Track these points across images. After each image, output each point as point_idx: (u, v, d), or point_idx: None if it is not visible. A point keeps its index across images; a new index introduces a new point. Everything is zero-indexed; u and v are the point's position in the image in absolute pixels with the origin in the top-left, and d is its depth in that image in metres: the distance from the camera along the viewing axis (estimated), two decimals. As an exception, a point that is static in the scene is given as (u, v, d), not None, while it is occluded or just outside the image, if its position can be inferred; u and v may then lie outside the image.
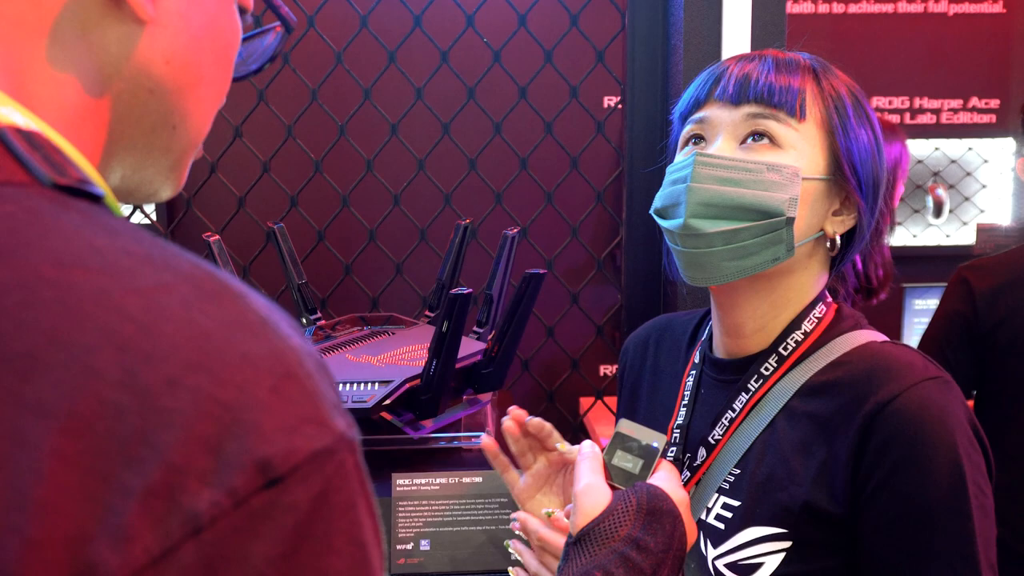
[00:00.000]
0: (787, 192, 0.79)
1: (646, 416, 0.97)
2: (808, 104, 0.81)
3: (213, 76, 0.47)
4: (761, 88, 0.80)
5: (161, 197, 0.50)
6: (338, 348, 1.32)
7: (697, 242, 0.80)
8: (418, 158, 1.61)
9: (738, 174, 0.79)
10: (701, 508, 0.83)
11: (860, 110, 0.84)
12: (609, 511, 0.69)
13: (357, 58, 1.59)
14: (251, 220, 1.62)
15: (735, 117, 0.81)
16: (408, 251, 1.64)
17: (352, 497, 0.33)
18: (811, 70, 0.83)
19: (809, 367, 0.82)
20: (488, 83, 1.58)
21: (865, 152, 0.83)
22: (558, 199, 1.62)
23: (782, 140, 0.80)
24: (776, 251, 0.80)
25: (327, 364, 0.36)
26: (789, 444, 0.80)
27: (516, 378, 1.69)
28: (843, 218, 0.84)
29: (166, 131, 0.45)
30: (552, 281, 1.64)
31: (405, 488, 1.08)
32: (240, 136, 1.61)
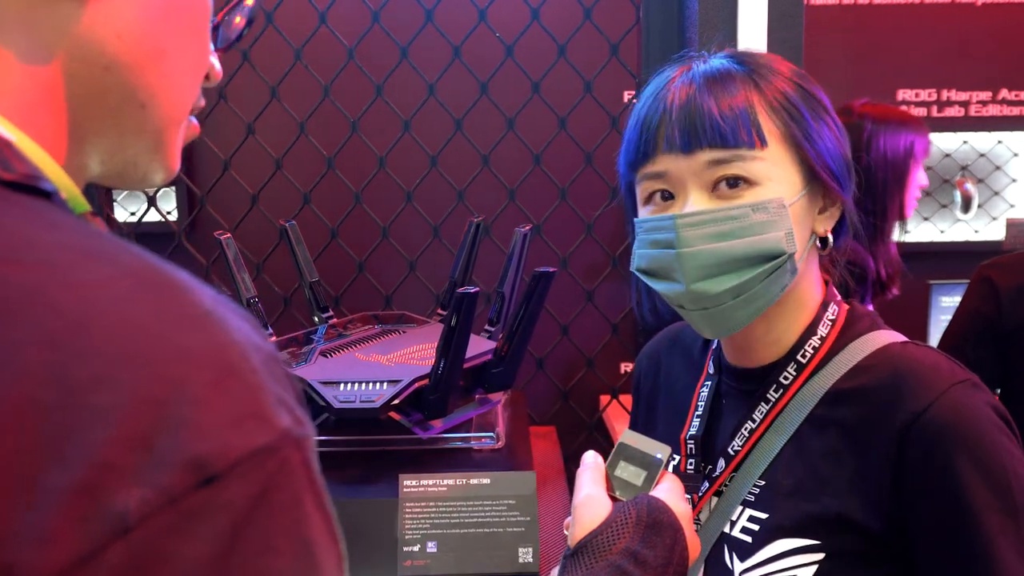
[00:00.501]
0: (780, 228, 0.75)
1: (666, 430, 0.94)
2: (763, 124, 0.76)
3: (179, 48, 0.45)
4: (711, 130, 0.75)
5: (155, 180, 0.49)
6: (348, 347, 1.31)
7: (706, 303, 0.76)
8: (431, 155, 1.59)
9: (725, 226, 0.75)
10: (725, 521, 0.80)
11: (812, 102, 0.79)
12: (607, 523, 0.67)
13: (369, 54, 1.58)
14: (265, 218, 1.61)
15: (694, 166, 0.76)
16: (421, 249, 1.63)
17: (298, 495, 0.32)
18: (748, 78, 0.77)
19: (831, 373, 0.79)
20: (501, 78, 1.57)
21: (833, 146, 0.79)
22: (573, 196, 1.59)
23: (754, 175, 0.75)
24: (783, 282, 0.77)
25: (281, 359, 0.35)
26: (817, 453, 0.77)
27: (530, 377, 1.67)
28: (830, 212, 0.81)
29: (133, 110, 0.44)
30: (567, 279, 1.62)
31: (412, 489, 1.06)
32: (253, 133, 1.60)
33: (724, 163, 0.75)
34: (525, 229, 1.41)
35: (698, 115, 0.75)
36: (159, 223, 1.70)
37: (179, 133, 0.48)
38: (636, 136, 0.79)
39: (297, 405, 0.34)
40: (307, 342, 1.33)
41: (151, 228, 1.77)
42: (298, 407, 0.34)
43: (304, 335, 1.37)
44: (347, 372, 1.19)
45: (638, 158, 0.79)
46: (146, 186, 0.50)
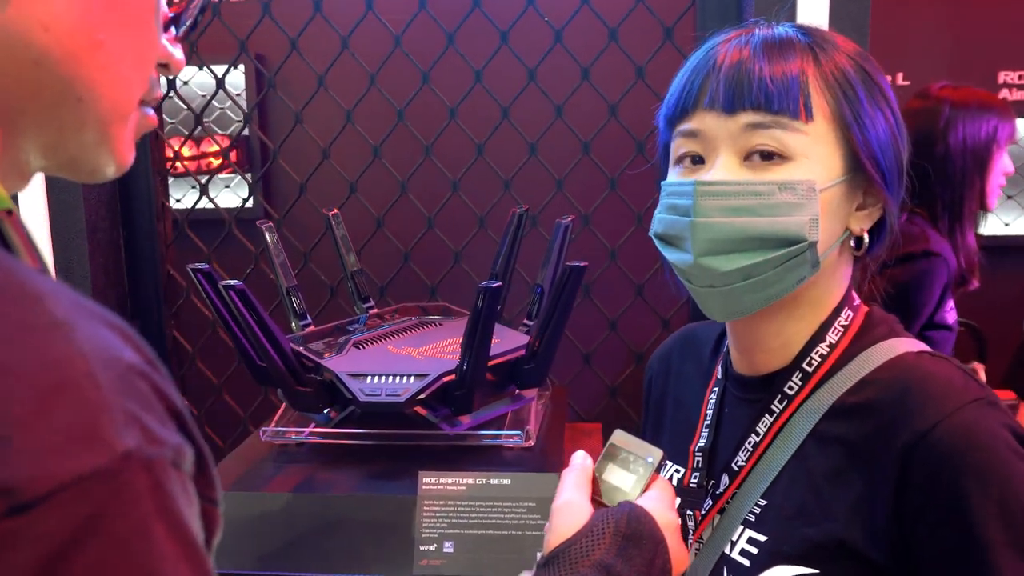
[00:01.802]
0: (806, 213, 0.69)
1: (673, 439, 0.89)
2: (813, 97, 0.70)
3: (118, 38, 0.43)
4: (757, 91, 0.69)
5: (105, 174, 0.47)
6: (382, 339, 1.29)
7: (713, 280, 0.71)
8: (477, 143, 1.56)
9: (747, 200, 0.69)
10: (726, 541, 0.75)
11: (871, 86, 0.72)
12: (583, 532, 0.63)
13: (415, 42, 1.56)
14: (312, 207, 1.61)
15: (732, 129, 0.70)
16: (467, 239, 1.60)
17: (142, 524, 0.29)
18: (808, 49, 0.71)
19: (838, 385, 0.72)
20: (549, 64, 1.52)
21: (885, 137, 0.72)
22: (622, 185, 1.54)
23: (791, 150, 0.69)
24: (801, 272, 0.71)
25: (150, 372, 0.32)
26: (820, 473, 0.71)
27: (576, 373, 1.63)
28: (869, 211, 0.74)
29: (70, 104, 0.42)
30: (617, 272, 1.57)
31: (431, 487, 1.04)
32: (300, 122, 1.61)
33: (763, 128, 0.69)
34: (566, 220, 1.36)
35: (746, 75, 0.69)
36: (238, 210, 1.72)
37: (127, 126, 0.46)
38: (678, 90, 0.74)
39: (160, 422, 0.32)
40: (343, 332, 1.33)
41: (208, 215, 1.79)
42: (161, 424, 0.32)
43: (342, 325, 1.36)
44: (376, 365, 1.17)
45: (676, 113, 0.74)
46: (98, 179, 0.48)
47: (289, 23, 1.56)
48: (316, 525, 1.04)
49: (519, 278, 1.50)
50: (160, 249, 1.59)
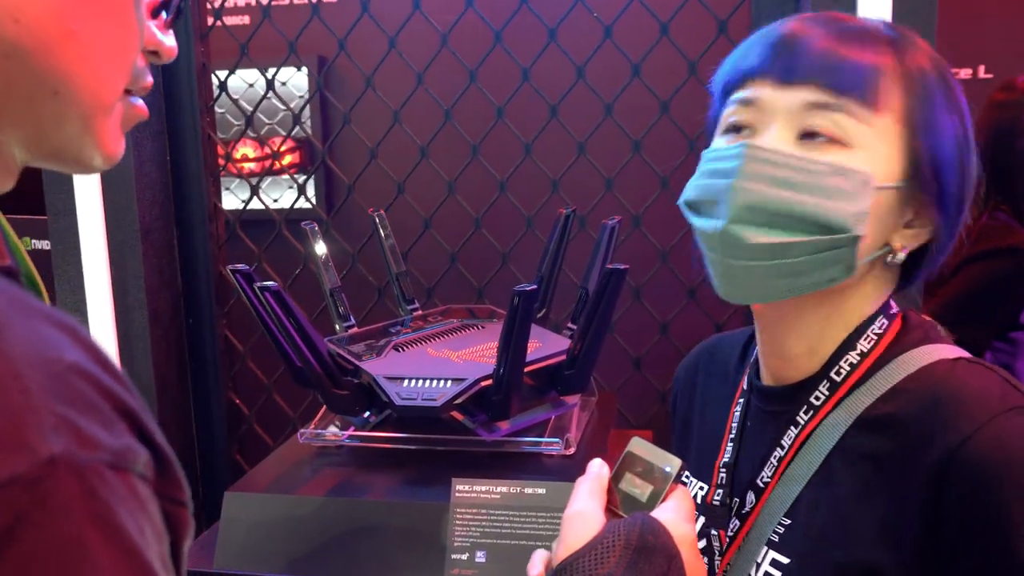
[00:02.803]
0: (856, 204, 0.64)
1: (699, 452, 0.85)
2: (885, 90, 0.64)
3: (94, 28, 0.42)
4: (825, 65, 0.64)
5: (93, 166, 0.46)
6: (422, 342, 1.28)
7: (738, 252, 0.65)
8: (525, 142, 1.53)
9: (797, 175, 0.64)
10: (750, 563, 0.71)
11: (949, 95, 0.67)
12: (593, 544, 0.59)
13: (462, 40, 1.54)
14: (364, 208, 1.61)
15: (791, 103, 0.65)
16: (515, 240, 1.58)
17: (72, 533, 0.28)
18: (889, 42, 0.66)
19: (866, 395, 0.67)
20: (598, 61, 1.48)
21: (950, 152, 0.66)
22: (674, 185, 1.49)
23: (851, 138, 0.64)
24: (834, 271, 0.66)
25: (89, 372, 0.31)
26: (845, 490, 0.66)
27: (627, 377, 1.58)
28: (916, 231, 0.69)
29: (45, 97, 0.41)
30: (667, 274, 1.53)
31: (464, 495, 1.02)
32: (348, 123, 1.60)
33: (825, 108, 0.64)
34: (613, 221, 1.32)
35: (813, 47, 0.65)
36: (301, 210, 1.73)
37: (110, 117, 0.45)
38: (738, 55, 0.70)
39: (103, 424, 0.30)
40: (385, 335, 1.31)
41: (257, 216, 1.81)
42: (103, 427, 0.30)
43: (384, 327, 1.35)
44: (414, 368, 1.16)
45: (734, 79, 0.69)
46: (86, 171, 0.47)
47: (342, 24, 1.56)
48: (348, 530, 1.03)
49: (568, 280, 1.46)
50: (212, 250, 1.60)
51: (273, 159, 1.88)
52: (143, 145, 1.49)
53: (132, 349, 1.50)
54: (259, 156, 2.36)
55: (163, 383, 1.54)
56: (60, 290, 1.51)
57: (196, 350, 1.62)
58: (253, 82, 2.14)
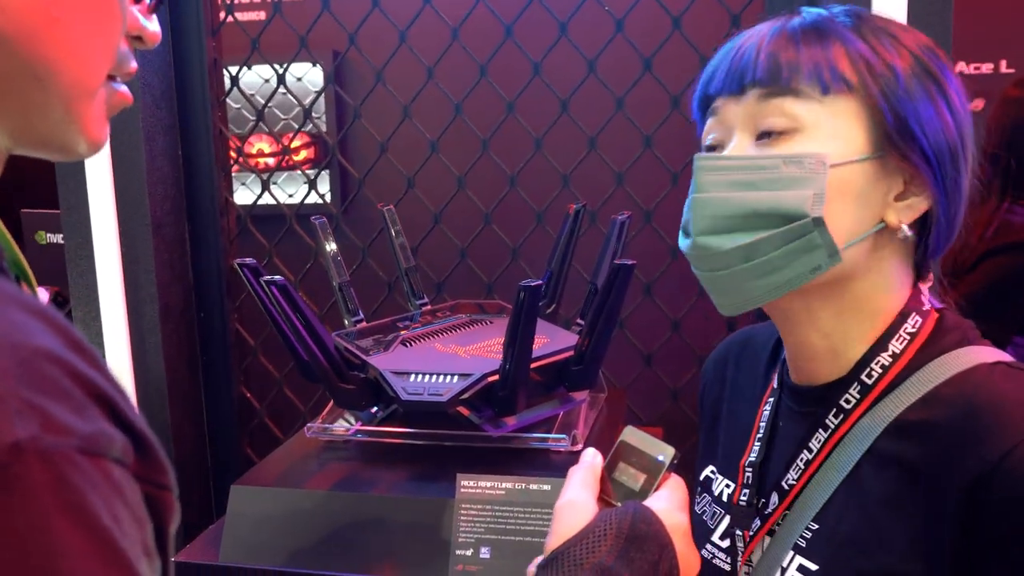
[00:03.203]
0: (810, 187, 0.63)
1: (726, 449, 0.84)
2: (835, 72, 0.64)
3: (77, 14, 0.42)
4: (763, 66, 0.65)
5: (79, 153, 0.46)
6: (430, 337, 1.27)
7: (713, 263, 0.66)
8: (535, 137, 1.53)
9: (751, 174, 0.64)
10: (776, 567, 0.69)
11: (920, 72, 0.66)
12: (584, 533, 0.59)
13: (473, 35, 1.53)
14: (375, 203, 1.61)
15: (743, 110, 0.66)
16: (524, 235, 1.57)
17: (38, 519, 0.27)
18: (840, 31, 0.66)
19: (900, 399, 0.66)
20: (610, 56, 1.47)
21: (929, 118, 0.65)
22: (685, 181, 1.48)
23: (801, 121, 0.64)
24: (813, 259, 0.64)
25: (60, 357, 0.30)
26: (875, 498, 0.65)
27: (637, 374, 1.57)
28: (910, 202, 0.66)
29: (30, 85, 0.41)
30: (679, 270, 1.51)
31: (469, 490, 1.01)
32: (359, 117, 1.60)
33: (769, 105, 0.64)
34: (622, 217, 1.32)
35: (752, 55, 0.66)
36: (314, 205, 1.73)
37: (94, 103, 0.45)
38: (703, 77, 0.72)
39: (75, 410, 0.30)
40: (393, 329, 1.31)
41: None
42: (75, 412, 0.30)
43: (393, 322, 1.35)
44: (420, 363, 1.15)
45: (702, 101, 0.71)
46: (71, 158, 0.47)
47: (354, 20, 1.56)
48: (353, 524, 1.03)
49: (578, 276, 1.45)
50: (224, 244, 1.61)
51: (285, 154, 1.88)
52: (155, 140, 1.49)
53: (144, 343, 1.51)
54: (274, 151, 2.37)
55: (174, 377, 1.55)
56: (73, 284, 1.52)
57: (207, 344, 1.63)
58: (269, 78, 2.14)
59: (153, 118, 1.49)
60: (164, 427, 1.53)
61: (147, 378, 1.51)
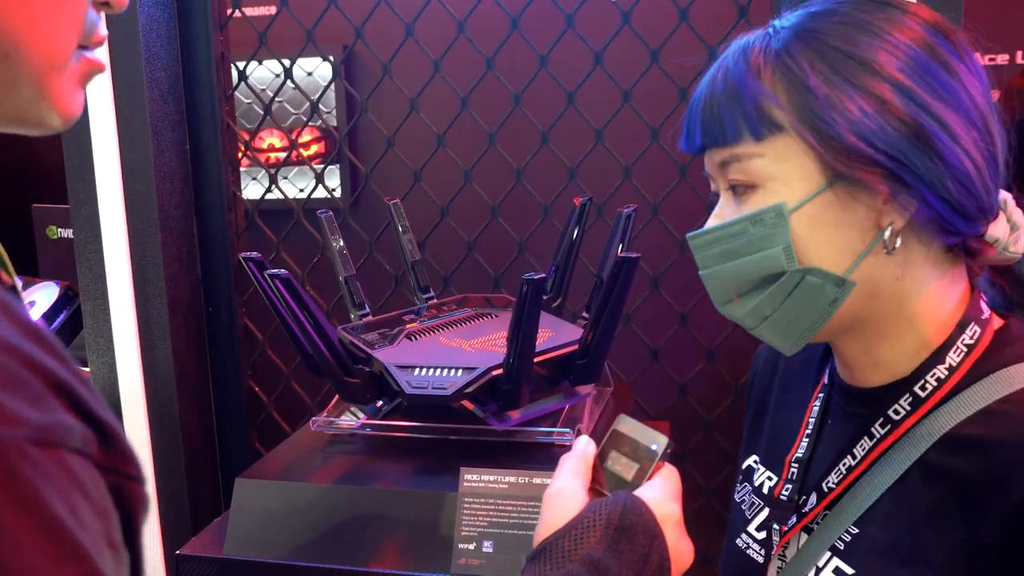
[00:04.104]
0: (777, 242, 0.63)
1: (770, 441, 0.83)
2: (763, 117, 0.63)
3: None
4: (703, 129, 0.67)
5: (52, 126, 0.46)
6: (435, 330, 1.27)
7: (744, 323, 0.70)
8: (542, 130, 1.52)
9: (730, 243, 0.67)
10: (810, 566, 0.69)
11: (837, 60, 0.62)
12: (573, 524, 0.58)
13: (479, 28, 1.53)
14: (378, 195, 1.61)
15: (713, 166, 0.69)
16: (531, 229, 1.57)
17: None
18: (762, 54, 0.64)
19: (956, 412, 0.63)
20: (616, 48, 1.46)
21: (859, 112, 0.60)
22: (692, 173, 1.47)
23: (757, 177, 0.65)
24: (823, 297, 0.64)
25: (14, 346, 0.30)
26: (920, 509, 0.63)
27: (644, 368, 1.57)
28: (903, 198, 0.62)
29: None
30: (686, 264, 1.50)
31: (472, 484, 1.01)
32: (365, 111, 1.60)
33: (727, 164, 0.66)
34: (628, 210, 1.31)
35: (695, 113, 0.68)
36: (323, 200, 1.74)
37: (63, 75, 0.45)
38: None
39: (30, 400, 0.29)
40: (399, 323, 1.31)
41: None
42: (29, 403, 0.29)
43: (399, 316, 1.35)
44: (425, 356, 1.15)
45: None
46: (46, 132, 0.47)
47: (362, 14, 1.55)
48: (357, 518, 1.03)
49: (584, 270, 1.45)
50: (231, 238, 1.61)
51: (293, 149, 1.88)
52: (162, 134, 1.50)
53: (152, 337, 1.52)
54: (285, 146, 2.37)
55: (183, 371, 1.55)
56: (83, 278, 1.52)
57: (215, 338, 1.64)
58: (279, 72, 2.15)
59: (161, 113, 1.49)
60: (172, 421, 1.54)
61: (155, 372, 1.52)
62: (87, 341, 1.54)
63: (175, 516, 1.56)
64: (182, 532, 1.54)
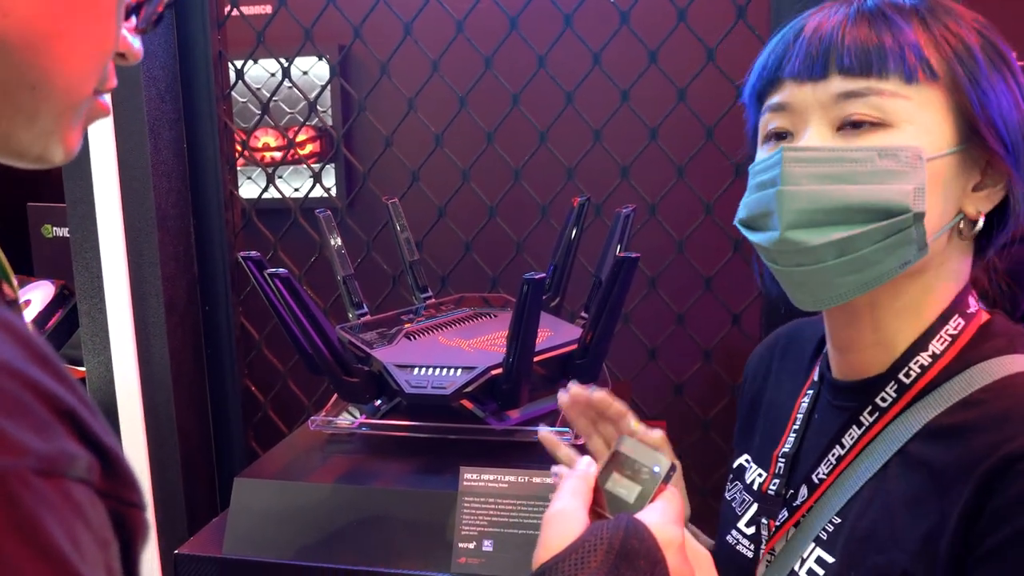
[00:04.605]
0: (910, 181, 0.61)
1: (763, 439, 0.83)
2: (917, 61, 0.63)
3: (77, 29, 0.42)
4: (849, 54, 0.63)
5: (52, 161, 0.46)
6: (434, 330, 1.27)
7: (802, 258, 0.64)
8: (540, 130, 1.52)
9: (843, 167, 0.62)
10: (796, 557, 0.69)
11: (993, 53, 0.65)
12: (574, 547, 0.57)
13: (478, 27, 1.53)
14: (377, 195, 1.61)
15: (823, 97, 0.65)
16: (529, 228, 1.57)
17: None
18: (916, 13, 0.65)
19: (936, 402, 0.64)
20: (615, 48, 1.46)
21: (1008, 107, 0.64)
22: (691, 173, 1.47)
23: (892, 117, 0.63)
24: (905, 254, 0.63)
25: (18, 371, 0.29)
26: (898, 497, 0.64)
27: (642, 367, 1.57)
28: (988, 191, 0.66)
29: (23, 92, 0.41)
30: (684, 264, 1.51)
31: (472, 483, 1.01)
32: (364, 110, 1.60)
33: (856, 96, 0.63)
34: (627, 210, 1.31)
35: (835, 39, 0.64)
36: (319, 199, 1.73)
37: (77, 115, 0.45)
38: (763, 61, 0.69)
39: (33, 427, 0.29)
40: (397, 322, 1.31)
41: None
42: (32, 430, 0.29)
43: (397, 315, 1.35)
44: (424, 356, 1.15)
45: (762, 86, 0.69)
46: (44, 166, 0.47)
47: (360, 13, 1.55)
48: (356, 517, 1.03)
49: (582, 269, 1.45)
50: (228, 238, 1.61)
51: (290, 148, 1.88)
52: (160, 133, 1.49)
53: (149, 336, 1.51)
54: (280, 145, 2.37)
55: (179, 370, 1.55)
56: (79, 277, 1.52)
57: (212, 337, 1.63)
58: (275, 71, 2.14)
59: (158, 111, 1.49)
60: (169, 420, 1.53)
61: (152, 371, 1.52)
62: (83, 340, 1.53)
63: (171, 515, 1.56)
64: (178, 531, 1.54)
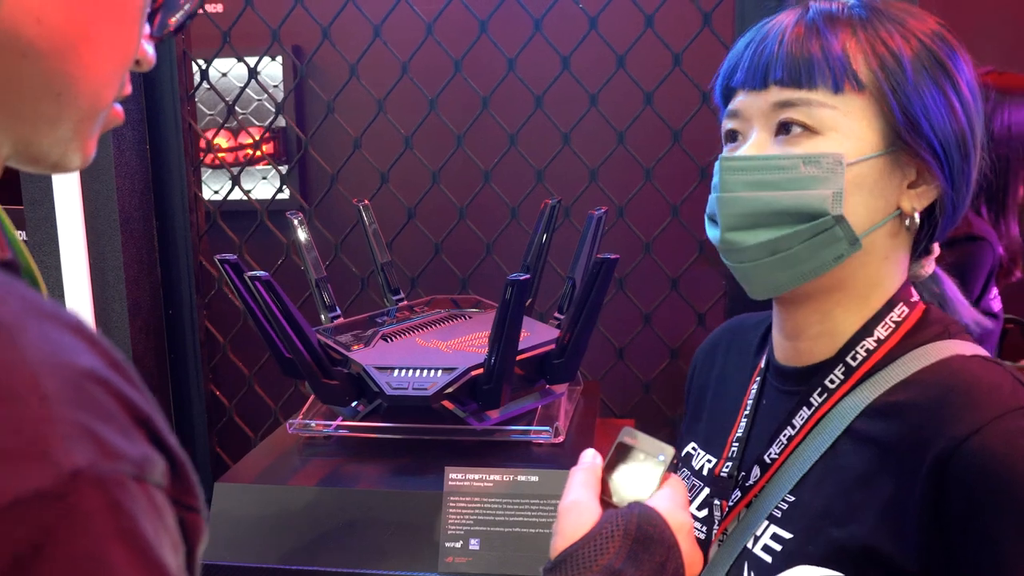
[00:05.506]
0: (829, 186, 0.67)
1: (709, 427, 0.86)
2: (847, 70, 0.67)
3: (104, 36, 0.42)
4: (782, 67, 0.68)
5: (69, 167, 0.46)
6: (410, 331, 1.27)
7: (741, 256, 0.71)
8: (509, 133, 1.53)
9: (771, 175, 0.69)
10: (749, 535, 0.72)
11: (930, 60, 0.69)
12: (591, 535, 0.60)
13: (447, 30, 1.54)
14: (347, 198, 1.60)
15: (763, 106, 0.70)
16: (499, 231, 1.58)
17: (96, 548, 0.27)
18: (854, 22, 0.69)
19: (880, 383, 0.69)
20: (583, 52, 1.48)
21: (937, 112, 0.69)
22: (658, 176, 1.50)
23: (820, 124, 0.68)
24: (836, 250, 0.69)
25: (106, 378, 0.30)
26: (851, 473, 0.68)
27: (610, 367, 1.60)
28: (923, 189, 0.71)
29: (49, 99, 0.41)
30: (651, 265, 1.54)
31: (457, 483, 1.02)
32: (332, 112, 1.59)
33: (790, 106, 0.68)
34: (599, 212, 1.33)
35: (772, 51, 0.69)
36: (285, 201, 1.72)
37: (96, 123, 0.45)
38: (724, 67, 0.75)
39: (123, 433, 0.29)
40: (372, 325, 1.31)
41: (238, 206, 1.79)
42: (123, 435, 0.29)
43: (371, 317, 1.34)
44: (403, 358, 1.16)
45: (723, 91, 0.75)
46: (60, 172, 0.47)
47: (324, 13, 1.55)
48: (340, 520, 1.03)
49: (552, 271, 1.47)
50: (193, 240, 1.59)
51: (255, 148, 1.86)
52: (123, 134, 1.47)
53: (111, 340, 1.48)
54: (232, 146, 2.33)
55: (142, 374, 1.51)
56: (36, 281, 1.48)
57: (176, 341, 1.61)
58: (227, 71, 2.11)
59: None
60: (134, 426, 1.50)
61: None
62: (42, 345, 1.50)
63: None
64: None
